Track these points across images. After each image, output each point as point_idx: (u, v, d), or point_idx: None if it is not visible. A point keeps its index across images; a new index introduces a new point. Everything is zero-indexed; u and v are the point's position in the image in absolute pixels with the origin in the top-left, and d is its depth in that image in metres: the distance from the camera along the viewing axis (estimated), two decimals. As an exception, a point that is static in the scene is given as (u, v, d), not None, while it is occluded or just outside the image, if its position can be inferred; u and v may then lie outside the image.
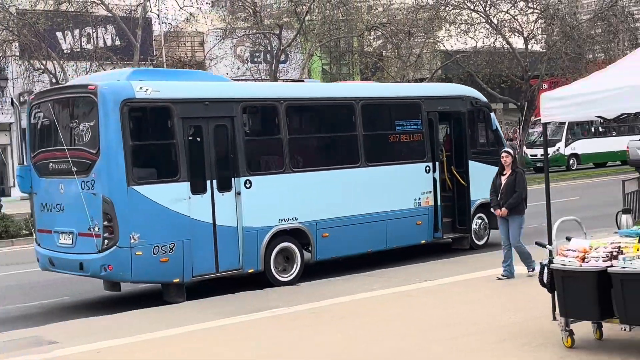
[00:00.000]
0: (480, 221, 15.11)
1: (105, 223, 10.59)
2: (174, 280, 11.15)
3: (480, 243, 15.13)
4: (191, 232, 11.10)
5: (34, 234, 12.44)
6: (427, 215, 14.21)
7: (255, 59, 36.92)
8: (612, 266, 7.05)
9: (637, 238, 7.69)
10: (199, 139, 11.47)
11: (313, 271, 12.96)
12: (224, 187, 11.37)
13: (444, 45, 37.24)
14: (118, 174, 10.62)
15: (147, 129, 11.67)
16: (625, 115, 9.05)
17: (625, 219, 8.67)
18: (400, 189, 13.88)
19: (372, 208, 13.37)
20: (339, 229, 12.88)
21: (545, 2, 35.89)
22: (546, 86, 33.72)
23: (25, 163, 12.19)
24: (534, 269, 10.74)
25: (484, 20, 35.13)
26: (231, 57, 35.52)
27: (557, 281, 7.45)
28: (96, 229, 10.68)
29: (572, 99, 8.31)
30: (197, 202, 11.21)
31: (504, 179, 11.43)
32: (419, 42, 35.65)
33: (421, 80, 34.16)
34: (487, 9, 34.79)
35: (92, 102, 10.81)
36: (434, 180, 14.36)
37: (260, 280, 12.12)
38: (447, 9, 34.62)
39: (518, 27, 35.80)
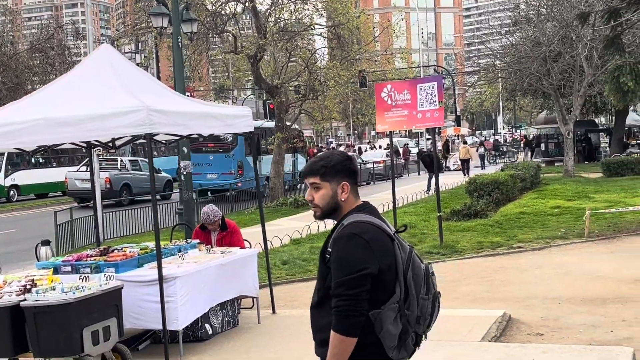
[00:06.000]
0: None
1: (239, 169, 30.06)
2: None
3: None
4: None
5: None
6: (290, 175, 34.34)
7: None
8: (25, 300, 6.91)
9: (52, 269, 7.76)
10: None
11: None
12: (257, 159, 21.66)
13: None
14: (244, 152, 29.98)
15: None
16: (44, 148, 9.13)
17: (44, 250, 8.66)
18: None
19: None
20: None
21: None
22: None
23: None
24: None
25: None
26: None
27: (-31, 321, 7.03)
28: (232, 171, 30.01)
29: (-14, 129, 8.02)
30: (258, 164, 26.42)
31: None
32: None
33: None
34: None
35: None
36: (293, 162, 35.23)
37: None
38: None
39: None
